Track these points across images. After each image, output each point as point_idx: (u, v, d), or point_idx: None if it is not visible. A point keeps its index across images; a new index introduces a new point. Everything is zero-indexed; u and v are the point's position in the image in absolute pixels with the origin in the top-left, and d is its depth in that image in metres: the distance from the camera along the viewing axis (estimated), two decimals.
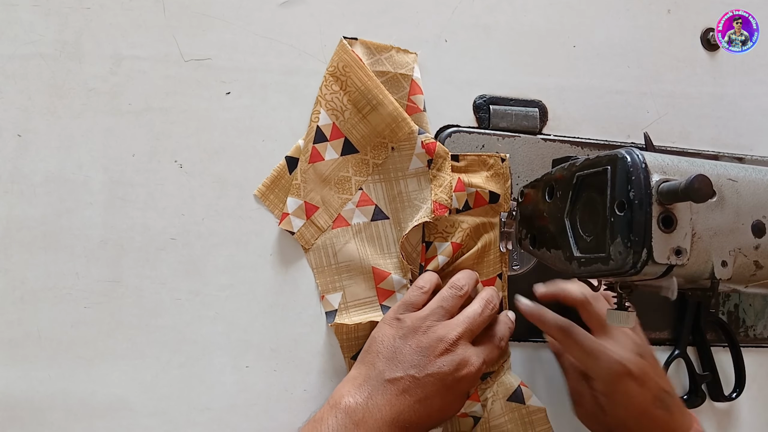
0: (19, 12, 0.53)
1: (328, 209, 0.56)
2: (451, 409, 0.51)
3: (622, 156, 0.44)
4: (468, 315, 0.52)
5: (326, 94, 0.55)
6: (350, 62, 0.55)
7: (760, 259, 0.45)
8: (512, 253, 0.59)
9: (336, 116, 0.56)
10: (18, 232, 0.52)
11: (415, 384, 0.49)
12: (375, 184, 0.57)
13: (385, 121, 0.55)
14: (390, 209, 0.57)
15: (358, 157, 0.56)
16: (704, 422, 0.63)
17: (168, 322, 0.54)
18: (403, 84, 0.56)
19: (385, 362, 0.50)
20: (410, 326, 0.51)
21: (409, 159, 0.56)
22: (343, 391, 0.50)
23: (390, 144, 0.56)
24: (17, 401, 0.51)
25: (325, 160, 0.56)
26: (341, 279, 0.55)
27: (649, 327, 0.62)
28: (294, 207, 0.55)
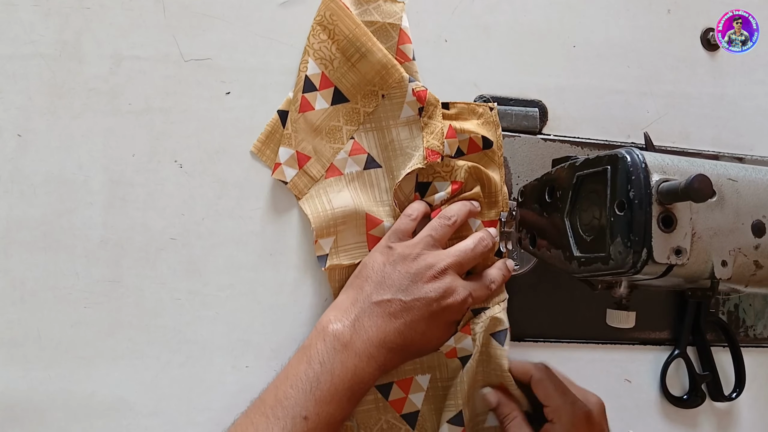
0: (19, 12, 0.53)
1: (320, 159, 0.56)
2: (435, 336, 0.53)
3: (622, 156, 0.44)
4: (459, 248, 0.53)
5: (314, 44, 0.55)
6: (337, 10, 0.55)
7: (760, 259, 0.45)
8: (512, 253, 0.59)
9: (325, 65, 0.55)
10: (18, 232, 0.52)
11: (402, 307, 0.50)
12: (366, 132, 0.57)
13: (374, 68, 0.55)
14: (382, 158, 0.57)
15: (348, 106, 0.56)
16: (704, 422, 0.63)
17: (168, 322, 0.54)
18: (391, 33, 0.56)
19: (373, 286, 0.51)
20: (400, 253, 0.52)
21: (400, 107, 0.56)
22: (330, 317, 0.51)
23: (380, 91, 0.56)
24: (17, 401, 0.51)
25: (315, 110, 0.56)
26: (336, 224, 0.55)
27: (649, 327, 0.63)
28: (286, 156, 0.55)
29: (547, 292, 0.60)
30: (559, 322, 0.60)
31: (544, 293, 0.60)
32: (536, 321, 0.60)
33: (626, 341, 0.62)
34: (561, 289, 0.60)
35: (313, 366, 0.48)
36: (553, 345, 0.60)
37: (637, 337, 0.62)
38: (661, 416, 0.62)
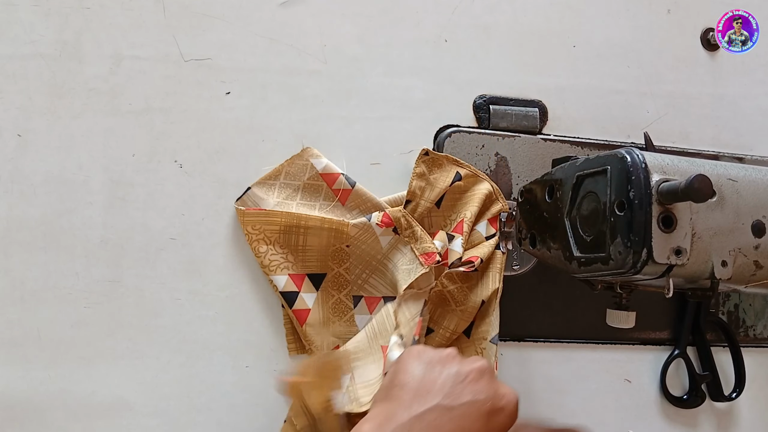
0: (19, 12, 0.53)
1: (345, 338, 0.54)
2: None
3: (622, 156, 0.44)
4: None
5: (263, 260, 0.54)
6: (255, 219, 0.54)
7: (760, 259, 0.45)
8: (512, 253, 0.59)
9: (286, 267, 0.54)
10: (18, 232, 0.52)
11: (448, 416, 0.41)
12: (366, 281, 0.56)
13: (322, 235, 0.55)
14: (394, 289, 0.55)
15: (329, 278, 0.55)
16: (704, 422, 0.63)
17: (168, 322, 0.54)
18: (317, 184, 0.55)
19: (410, 394, 0.42)
20: (437, 357, 0.45)
21: (378, 241, 0.55)
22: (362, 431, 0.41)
23: (342, 245, 0.55)
24: (17, 401, 0.51)
25: (310, 309, 0.55)
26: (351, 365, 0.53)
27: (649, 327, 0.63)
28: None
29: (547, 292, 0.60)
30: (559, 322, 0.60)
31: (544, 293, 0.60)
32: (536, 321, 0.60)
33: (626, 341, 0.62)
34: (561, 289, 0.60)
35: None
36: (553, 345, 0.60)
37: (637, 337, 0.62)
38: (661, 416, 0.62)
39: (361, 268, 0.56)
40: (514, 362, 0.60)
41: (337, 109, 0.57)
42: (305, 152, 0.55)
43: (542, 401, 0.60)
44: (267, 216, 0.54)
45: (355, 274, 0.56)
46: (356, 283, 0.56)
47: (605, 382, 0.61)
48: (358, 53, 0.58)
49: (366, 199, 0.56)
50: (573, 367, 0.60)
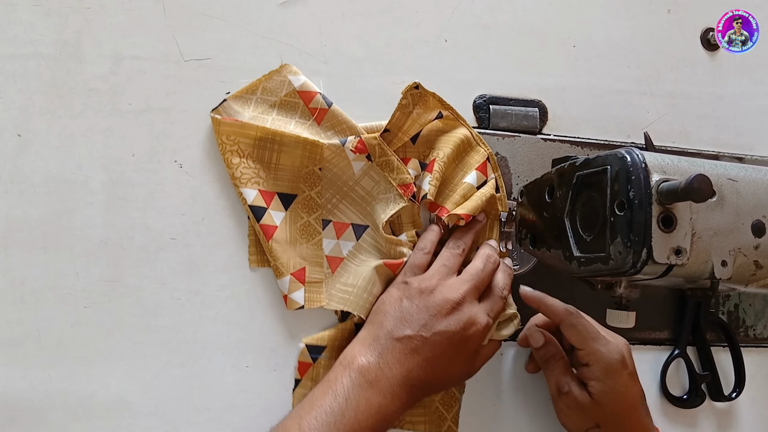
0: (19, 12, 0.53)
1: (313, 260, 0.55)
2: (459, 368, 0.52)
3: (622, 156, 0.44)
4: (471, 273, 0.53)
5: (234, 173, 0.54)
6: (230, 129, 0.54)
7: (760, 259, 0.45)
8: (512, 253, 0.59)
9: (256, 182, 0.54)
10: (18, 232, 0.52)
11: (423, 343, 0.49)
12: (336, 207, 0.56)
13: (296, 155, 0.55)
14: (364, 216, 0.56)
15: (299, 200, 0.55)
16: (704, 422, 0.63)
17: (168, 322, 0.54)
18: (294, 102, 0.55)
19: (393, 322, 0.50)
20: (417, 288, 0.52)
21: (350, 166, 0.55)
22: (354, 351, 0.50)
23: (315, 167, 0.55)
24: (17, 401, 0.51)
25: (278, 226, 0.54)
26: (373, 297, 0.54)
27: (649, 327, 0.63)
28: (286, 285, 0.54)
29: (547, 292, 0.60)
30: None
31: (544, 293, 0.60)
32: None
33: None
34: (561, 289, 0.60)
35: (338, 400, 0.48)
36: None
37: (637, 337, 0.62)
38: (661, 416, 0.62)
39: (331, 192, 0.56)
40: (514, 362, 0.60)
41: None
42: (284, 68, 0.55)
43: (542, 401, 0.60)
44: (242, 128, 0.54)
45: (326, 198, 0.56)
46: (326, 207, 0.56)
47: None
48: (358, 53, 0.58)
49: (342, 120, 0.55)
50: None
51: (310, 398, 0.49)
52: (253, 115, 0.54)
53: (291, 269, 0.54)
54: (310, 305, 0.54)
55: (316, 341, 0.55)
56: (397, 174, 0.54)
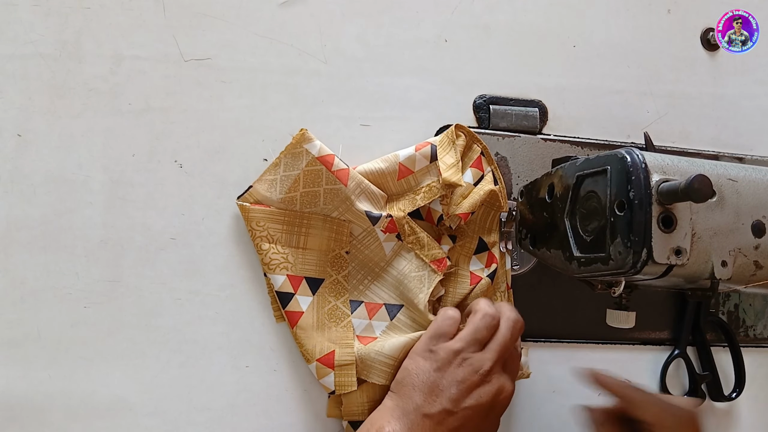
0: (19, 12, 0.53)
1: (342, 342, 0.54)
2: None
3: (622, 156, 0.44)
4: (499, 342, 0.51)
5: (264, 258, 0.54)
6: (259, 216, 0.54)
7: (760, 259, 0.45)
8: (512, 253, 0.59)
9: (285, 267, 0.54)
10: (18, 232, 0.52)
11: (453, 417, 0.48)
12: (368, 287, 0.56)
13: (322, 236, 0.55)
14: (397, 296, 0.56)
15: (326, 284, 0.55)
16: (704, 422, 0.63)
17: (168, 322, 0.54)
18: (317, 169, 0.54)
19: (421, 396, 0.49)
20: (444, 358, 0.50)
21: (381, 248, 0.55)
22: (383, 422, 0.49)
23: (342, 251, 0.55)
24: (17, 401, 0.51)
25: (303, 312, 0.54)
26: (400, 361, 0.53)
27: (649, 327, 0.63)
28: (314, 372, 0.54)
29: (547, 292, 0.60)
30: (559, 322, 0.60)
31: (544, 293, 0.60)
32: (536, 321, 0.60)
33: (626, 341, 0.62)
34: (561, 289, 0.60)
35: None
36: (553, 345, 0.60)
37: (637, 337, 0.62)
38: None
39: (363, 274, 0.56)
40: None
41: (337, 109, 0.57)
42: (299, 139, 0.54)
43: (542, 401, 0.60)
44: (271, 214, 0.54)
45: (357, 279, 0.56)
46: (357, 289, 0.56)
47: None
48: (358, 53, 0.58)
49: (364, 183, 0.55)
50: (573, 367, 0.60)
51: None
52: (282, 197, 0.54)
53: (317, 355, 0.53)
54: (341, 390, 0.53)
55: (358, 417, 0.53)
56: (429, 250, 0.55)
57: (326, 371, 0.53)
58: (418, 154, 0.55)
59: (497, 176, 0.57)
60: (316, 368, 0.53)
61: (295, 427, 0.55)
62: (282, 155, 0.55)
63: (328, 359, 0.53)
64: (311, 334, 0.54)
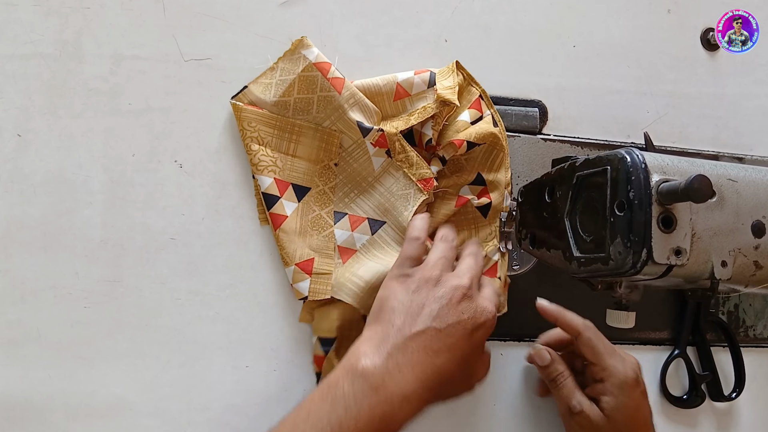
0: (19, 12, 0.53)
1: (323, 252, 0.55)
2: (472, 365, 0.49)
3: (621, 156, 0.44)
4: (468, 264, 0.50)
5: (253, 158, 0.54)
6: (250, 115, 0.54)
7: (760, 259, 0.45)
8: (512, 253, 0.59)
9: (273, 171, 0.54)
10: (18, 232, 0.52)
11: (438, 336, 0.46)
12: (354, 200, 0.56)
13: (312, 145, 0.55)
14: (381, 212, 0.56)
15: (312, 193, 0.56)
16: (704, 422, 0.63)
17: (168, 322, 0.54)
18: (312, 75, 0.54)
19: (401, 317, 0.46)
20: (421, 278, 0.48)
21: (369, 162, 0.55)
22: (359, 352, 0.45)
23: (330, 162, 0.56)
24: (17, 401, 0.51)
25: (287, 216, 0.54)
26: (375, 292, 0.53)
27: (649, 327, 0.63)
28: (290, 275, 0.54)
29: (547, 292, 0.60)
30: None
31: (544, 293, 0.60)
32: (536, 321, 0.60)
33: (626, 341, 0.62)
34: (561, 289, 0.60)
35: (336, 409, 0.43)
36: None
37: (637, 337, 0.62)
38: (661, 416, 0.62)
39: (349, 187, 0.56)
40: (514, 362, 0.60)
41: None
42: (297, 44, 0.55)
43: (542, 401, 0.60)
44: (263, 116, 0.54)
45: (343, 192, 0.56)
46: (343, 201, 0.56)
47: None
48: (358, 53, 0.58)
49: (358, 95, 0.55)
50: None
51: (307, 402, 0.45)
52: (276, 99, 0.54)
53: (296, 259, 0.54)
54: (314, 296, 0.54)
55: (327, 333, 0.54)
56: (417, 169, 0.55)
57: (303, 276, 0.54)
58: (417, 78, 0.55)
59: (497, 119, 0.57)
60: (293, 272, 0.54)
61: None
62: (279, 60, 0.55)
63: (306, 265, 0.54)
64: (293, 238, 0.54)
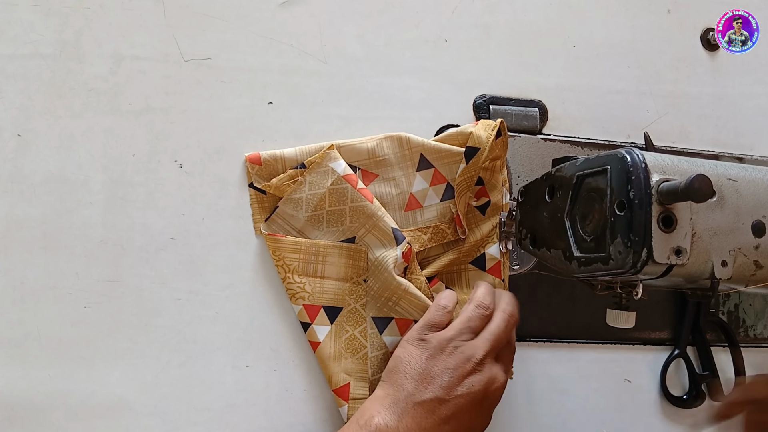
0: (19, 12, 0.53)
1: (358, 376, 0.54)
2: (479, 425, 0.51)
3: (622, 156, 0.44)
4: (492, 332, 0.51)
5: (285, 285, 0.55)
6: (275, 246, 0.54)
7: (760, 259, 0.45)
8: (512, 253, 0.59)
9: (301, 297, 0.54)
10: (18, 232, 0.52)
11: (445, 406, 0.48)
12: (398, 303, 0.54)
13: (340, 264, 0.55)
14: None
15: (345, 312, 0.55)
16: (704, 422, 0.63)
17: (168, 322, 0.54)
18: (342, 188, 0.54)
19: (413, 383, 0.48)
20: (436, 346, 0.49)
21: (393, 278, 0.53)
22: (372, 411, 0.48)
23: (360, 278, 0.55)
24: (17, 401, 0.51)
25: (321, 342, 0.54)
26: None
27: (649, 327, 0.63)
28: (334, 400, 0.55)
29: (547, 292, 0.60)
30: (559, 322, 0.60)
31: (544, 293, 0.60)
32: (536, 321, 0.60)
33: (626, 341, 0.62)
34: (561, 289, 0.60)
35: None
36: (553, 345, 0.60)
37: (637, 337, 0.62)
38: (661, 416, 0.62)
39: (387, 296, 0.54)
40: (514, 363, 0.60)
41: (337, 109, 0.57)
42: (324, 156, 0.54)
43: (543, 401, 0.60)
44: (287, 243, 0.54)
45: (380, 302, 0.55)
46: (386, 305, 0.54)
47: (605, 382, 0.61)
48: (358, 53, 0.58)
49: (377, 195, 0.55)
50: (573, 367, 0.60)
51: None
52: (309, 215, 0.55)
53: (333, 386, 0.54)
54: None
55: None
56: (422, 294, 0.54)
57: (341, 403, 0.54)
58: (431, 191, 0.56)
59: (503, 129, 0.55)
60: (334, 398, 0.54)
61: (295, 428, 0.55)
62: (306, 173, 0.54)
63: (342, 392, 0.54)
64: (328, 364, 0.54)
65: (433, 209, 0.56)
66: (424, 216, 0.56)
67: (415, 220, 0.56)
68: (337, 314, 0.55)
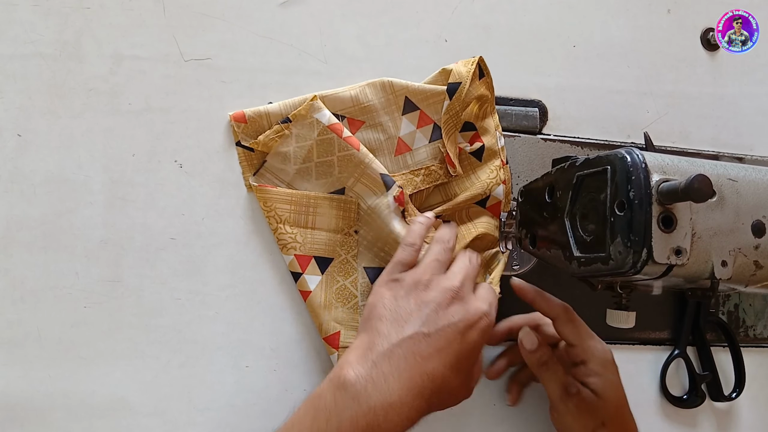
0: (19, 12, 0.53)
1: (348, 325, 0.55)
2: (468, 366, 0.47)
3: (622, 156, 0.44)
4: (461, 265, 0.49)
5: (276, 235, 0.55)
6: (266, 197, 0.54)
7: (760, 259, 0.45)
8: (512, 253, 0.59)
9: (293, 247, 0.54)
10: (18, 232, 0.52)
11: (426, 341, 0.44)
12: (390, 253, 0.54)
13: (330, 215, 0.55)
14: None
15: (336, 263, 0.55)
16: (704, 422, 0.63)
17: (168, 322, 0.54)
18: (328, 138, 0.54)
19: (388, 325, 0.45)
20: (410, 282, 0.47)
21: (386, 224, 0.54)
22: (343, 362, 0.45)
23: (351, 229, 0.56)
24: (17, 401, 0.51)
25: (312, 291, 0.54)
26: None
27: (649, 327, 0.63)
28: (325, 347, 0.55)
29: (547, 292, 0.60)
30: None
31: None
32: None
33: (626, 341, 0.62)
34: (561, 289, 0.60)
35: (318, 421, 0.42)
36: None
37: (637, 337, 0.62)
38: (661, 416, 0.62)
39: (379, 246, 0.55)
40: None
41: None
42: (308, 108, 0.54)
43: (542, 401, 0.60)
44: (278, 194, 0.54)
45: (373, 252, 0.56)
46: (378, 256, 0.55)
47: None
48: (358, 53, 0.58)
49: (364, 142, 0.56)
50: None
51: (293, 416, 0.45)
52: (297, 168, 0.55)
53: (323, 334, 0.54)
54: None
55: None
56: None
57: (331, 350, 0.54)
58: (419, 133, 0.56)
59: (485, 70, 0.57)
60: (324, 346, 0.55)
61: None
62: (292, 126, 0.55)
63: (333, 339, 0.54)
64: (319, 312, 0.55)
65: (423, 151, 0.56)
66: (414, 158, 0.56)
67: (406, 164, 0.56)
68: (328, 264, 0.55)
